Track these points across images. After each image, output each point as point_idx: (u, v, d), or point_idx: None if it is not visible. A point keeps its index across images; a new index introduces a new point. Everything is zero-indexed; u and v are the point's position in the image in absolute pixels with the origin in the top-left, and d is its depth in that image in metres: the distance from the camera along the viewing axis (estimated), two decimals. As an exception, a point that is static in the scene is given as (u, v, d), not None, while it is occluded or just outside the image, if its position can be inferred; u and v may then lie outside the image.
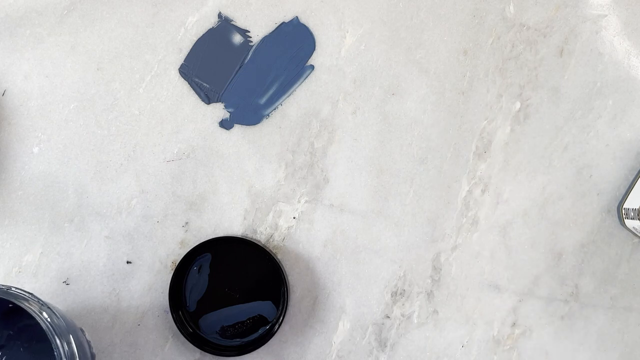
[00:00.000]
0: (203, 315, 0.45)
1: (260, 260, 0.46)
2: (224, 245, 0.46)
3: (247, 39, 0.47)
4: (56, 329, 0.35)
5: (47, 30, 0.47)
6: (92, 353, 0.42)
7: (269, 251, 0.46)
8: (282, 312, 0.45)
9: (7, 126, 0.47)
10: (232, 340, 0.45)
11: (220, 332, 0.45)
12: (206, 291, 0.45)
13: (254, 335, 0.46)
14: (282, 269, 0.46)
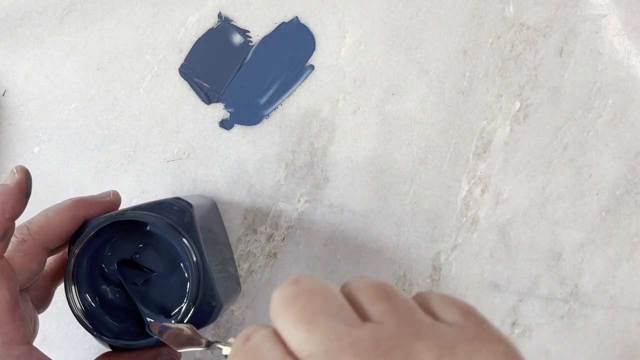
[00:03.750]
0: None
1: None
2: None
3: (247, 39, 0.47)
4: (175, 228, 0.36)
5: (48, 30, 0.47)
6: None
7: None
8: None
9: (7, 126, 0.47)
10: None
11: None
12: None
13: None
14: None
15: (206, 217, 0.41)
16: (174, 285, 0.38)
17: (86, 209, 0.38)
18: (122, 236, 0.38)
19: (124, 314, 0.38)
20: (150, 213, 0.37)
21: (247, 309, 0.47)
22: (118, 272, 0.38)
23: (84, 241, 0.36)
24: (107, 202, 0.40)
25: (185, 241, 0.36)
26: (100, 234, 0.37)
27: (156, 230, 0.38)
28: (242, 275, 0.47)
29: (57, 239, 0.37)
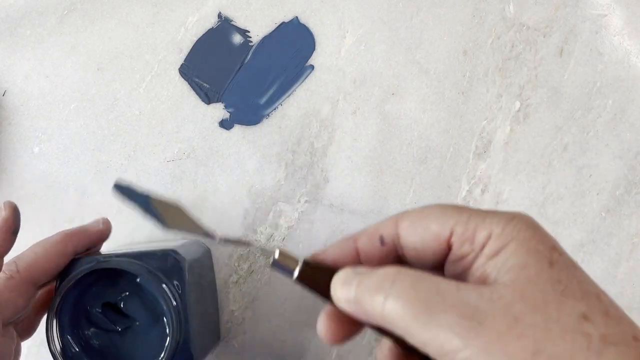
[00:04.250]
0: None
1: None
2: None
3: (247, 39, 0.47)
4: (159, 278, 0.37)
5: (48, 31, 0.47)
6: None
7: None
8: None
9: (7, 126, 0.47)
10: None
11: None
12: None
13: None
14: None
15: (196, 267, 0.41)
16: (154, 338, 0.38)
17: (75, 243, 0.38)
18: (109, 280, 0.38)
19: (102, 359, 0.38)
20: (134, 261, 0.37)
21: (247, 309, 0.47)
22: (101, 313, 0.38)
23: (71, 282, 0.36)
24: (97, 233, 0.40)
25: (164, 287, 0.36)
26: (88, 276, 0.37)
27: (141, 280, 0.38)
28: (242, 276, 0.47)
29: (45, 276, 0.36)
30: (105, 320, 0.38)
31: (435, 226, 0.25)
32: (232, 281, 0.47)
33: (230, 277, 0.47)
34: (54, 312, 0.36)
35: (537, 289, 0.22)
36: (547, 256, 0.23)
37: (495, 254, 0.23)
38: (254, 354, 0.47)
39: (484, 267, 0.24)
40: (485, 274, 0.24)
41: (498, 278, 0.23)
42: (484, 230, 0.24)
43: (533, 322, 0.21)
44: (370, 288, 0.24)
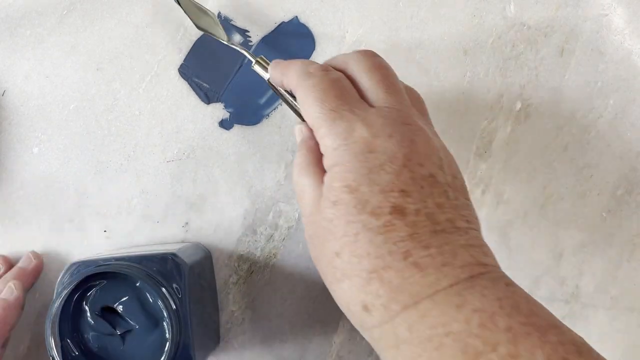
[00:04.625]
0: None
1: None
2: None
3: (246, 39, 0.47)
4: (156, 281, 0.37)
5: (47, 31, 0.47)
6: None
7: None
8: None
9: (7, 126, 0.47)
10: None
11: None
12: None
13: None
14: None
15: (196, 270, 0.41)
16: (153, 341, 0.38)
17: (25, 287, 0.44)
18: (108, 284, 0.38)
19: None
20: (134, 264, 0.37)
21: (247, 309, 0.47)
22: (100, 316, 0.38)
23: (70, 286, 0.36)
24: (34, 269, 0.45)
25: (164, 290, 0.36)
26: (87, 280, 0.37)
27: (141, 283, 0.38)
28: (242, 276, 0.47)
29: (10, 331, 0.41)
30: (104, 324, 0.38)
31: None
32: (232, 281, 0.47)
33: (230, 277, 0.47)
34: (53, 316, 0.36)
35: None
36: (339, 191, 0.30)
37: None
38: (254, 354, 0.47)
39: None
40: None
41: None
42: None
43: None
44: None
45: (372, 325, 0.28)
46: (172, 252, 0.38)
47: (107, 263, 0.37)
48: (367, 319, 0.28)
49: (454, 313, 0.25)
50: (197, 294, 0.40)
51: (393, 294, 0.27)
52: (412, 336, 0.26)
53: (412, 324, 0.26)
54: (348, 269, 0.28)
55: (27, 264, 0.45)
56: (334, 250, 0.29)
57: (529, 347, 0.24)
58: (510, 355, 0.24)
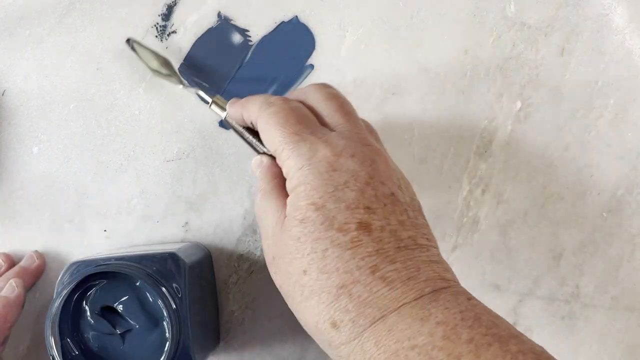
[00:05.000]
0: None
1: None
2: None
3: (246, 39, 0.47)
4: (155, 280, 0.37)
5: (47, 30, 0.47)
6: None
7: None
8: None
9: (7, 126, 0.47)
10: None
11: None
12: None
13: None
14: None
15: (196, 270, 0.41)
16: (153, 341, 0.38)
17: (26, 287, 0.44)
18: (108, 284, 0.38)
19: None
20: (134, 264, 0.37)
21: (247, 309, 0.47)
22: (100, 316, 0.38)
23: (70, 286, 0.36)
24: (36, 269, 0.45)
25: (164, 290, 0.36)
26: (87, 279, 0.37)
27: (141, 283, 0.38)
28: (242, 276, 0.47)
29: (9, 329, 0.41)
30: (104, 324, 0.38)
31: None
32: (232, 281, 0.47)
33: (230, 277, 0.47)
34: (53, 315, 0.36)
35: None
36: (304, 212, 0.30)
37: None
38: (254, 354, 0.47)
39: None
40: None
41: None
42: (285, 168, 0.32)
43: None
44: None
45: (340, 342, 0.28)
46: (172, 252, 0.38)
47: (107, 263, 0.37)
48: (335, 337, 0.28)
49: (419, 326, 0.26)
50: (197, 293, 0.40)
51: (362, 309, 0.28)
52: (379, 351, 0.27)
53: (379, 339, 0.27)
54: (316, 286, 0.29)
55: (30, 264, 0.45)
56: (302, 269, 0.29)
57: (490, 357, 0.24)
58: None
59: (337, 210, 0.29)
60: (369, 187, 0.30)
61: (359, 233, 0.29)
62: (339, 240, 0.29)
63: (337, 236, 0.29)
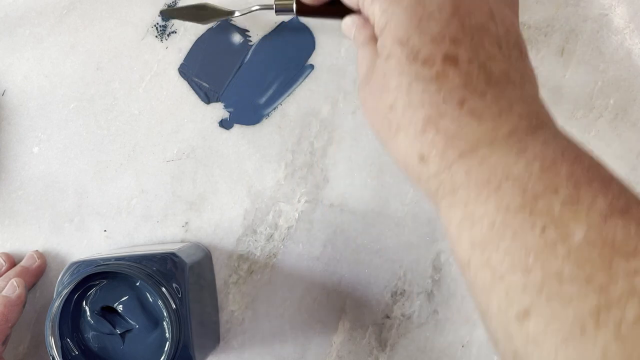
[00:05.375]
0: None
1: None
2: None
3: (246, 39, 0.47)
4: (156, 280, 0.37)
5: (47, 30, 0.47)
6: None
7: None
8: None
9: (6, 126, 0.47)
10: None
11: None
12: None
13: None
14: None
15: (196, 270, 0.41)
16: (153, 341, 0.38)
17: (27, 286, 0.44)
18: (108, 284, 0.38)
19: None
20: (134, 264, 0.37)
21: (247, 309, 0.47)
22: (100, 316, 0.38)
23: (70, 286, 0.36)
24: (37, 269, 0.45)
25: (164, 290, 0.36)
26: (87, 279, 0.37)
27: (141, 283, 0.38)
28: (242, 276, 0.47)
29: (10, 328, 0.41)
30: (104, 324, 0.38)
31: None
32: (232, 281, 0.47)
33: (230, 277, 0.47)
34: (53, 315, 0.36)
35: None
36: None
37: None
38: (254, 354, 0.47)
39: None
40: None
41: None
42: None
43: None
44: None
45: (429, 175, 0.28)
46: (172, 252, 0.38)
47: (107, 263, 0.37)
48: (423, 170, 0.28)
49: (514, 158, 0.25)
50: (197, 293, 0.40)
51: (449, 142, 0.27)
52: (469, 180, 0.26)
53: (470, 169, 0.26)
54: (403, 121, 0.28)
55: (31, 263, 0.45)
56: (388, 104, 0.29)
57: (591, 193, 0.23)
58: (571, 197, 0.23)
59: (421, 44, 0.28)
60: (455, 18, 0.28)
61: (444, 66, 0.27)
62: (424, 74, 0.28)
63: (422, 70, 0.28)
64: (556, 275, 0.22)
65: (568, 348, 0.21)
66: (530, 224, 0.23)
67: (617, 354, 0.20)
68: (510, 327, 0.23)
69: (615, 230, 0.22)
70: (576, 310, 0.21)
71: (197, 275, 0.41)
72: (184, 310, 0.37)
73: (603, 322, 0.20)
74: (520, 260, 0.23)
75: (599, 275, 0.21)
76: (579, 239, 0.22)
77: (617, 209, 0.22)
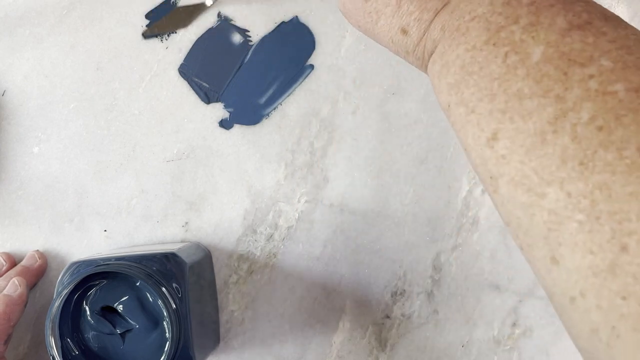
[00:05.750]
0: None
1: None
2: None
3: (246, 39, 0.47)
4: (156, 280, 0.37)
5: (47, 30, 0.47)
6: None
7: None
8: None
9: (7, 126, 0.47)
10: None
11: None
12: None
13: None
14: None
15: (196, 270, 0.41)
16: (153, 341, 0.38)
17: (28, 286, 0.44)
18: (109, 284, 0.38)
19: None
20: (134, 264, 0.37)
21: (247, 309, 0.47)
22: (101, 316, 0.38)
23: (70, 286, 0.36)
24: (38, 269, 0.46)
25: (164, 290, 0.36)
26: (87, 279, 0.37)
27: (141, 283, 0.38)
28: (242, 276, 0.47)
29: (12, 327, 0.41)
30: (104, 324, 0.38)
31: None
32: (232, 281, 0.47)
33: (230, 277, 0.47)
34: (53, 315, 0.36)
35: None
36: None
37: None
38: (254, 354, 0.47)
39: None
40: None
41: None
42: None
43: None
44: None
45: (414, 44, 0.29)
46: (172, 252, 0.38)
47: (107, 263, 0.37)
48: (408, 42, 0.30)
49: (480, 0, 0.26)
50: (197, 293, 0.40)
51: (423, 4, 0.28)
52: (444, 33, 0.27)
53: (444, 24, 0.27)
54: (378, 5, 0.30)
55: (31, 263, 0.45)
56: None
57: (549, 15, 0.24)
58: (530, 24, 0.24)
59: None
60: None
61: None
62: None
63: None
64: (517, 95, 0.23)
65: (531, 159, 0.22)
66: (494, 55, 0.24)
67: (574, 154, 0.21)
68: (483, 152, 0.24)
69: (572, 43, 0.23)
70: (536, 122, 0.22)
71: (197, 275, 0.41)
72: (184, 310, 0.37)
73: (560, 128, 0.21)
74: (486, 89, 0.24)
75: (556, 86, 0.22)
76: (537, 58, 0.23)
77: (576, 24, 0.23)
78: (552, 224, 0.21)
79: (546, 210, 0.22)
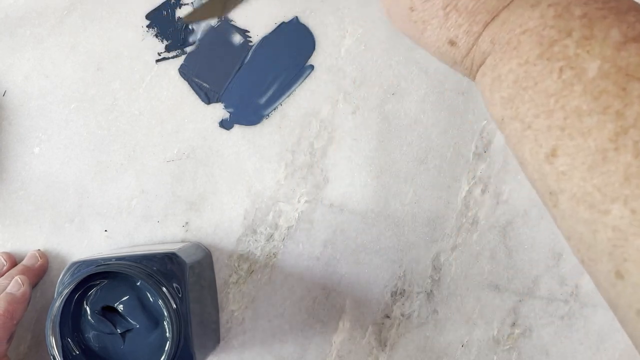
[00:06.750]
0: None
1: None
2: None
3: (246, 39, 0.47)
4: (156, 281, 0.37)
5: (47, 31, 0.47)
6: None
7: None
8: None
9: (7, 126, 0.47)
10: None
11: None
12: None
13: None
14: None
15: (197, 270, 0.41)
16: (154, 341, 0.38)
17: (31, 284, 0.44)
18: (109, 283, 0.38)
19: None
20: (134, 264, 0.37)
21: (247, 309, 0.47)
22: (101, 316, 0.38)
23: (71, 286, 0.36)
24: (40, 268, 0.46)
25: (164, 290, 0.36)
26: (88, 279, 0.37)
27: (141, 283, 0.38)
28: (242, 276, 0.47)
29: (15, 325, 0.41)
30: (105, 324, 0.38)
31: None
32: (232, 281, 0.47)
33: (230, 277, 0.47)
34: (53, 315, 0.36)
35: None
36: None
37: None
38: (254, 354, 0.47)
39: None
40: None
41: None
42: None
43: None
44: None
45: (462, 56, 0.29)
46: (172, 252, 0.38)
47: (108, 263, 0.37)
48: (456, 53, 0.29)
49: (530, 12, 0.26)
50: (197, 293, 0.40)
51: (472, 17, 0.28)
52: (494, 46, 0.27)
53: (494, 36, 0.27)
54: (425, 16, 0.30)
55: (33, 263, 0.45)
56: (407, 7, 0.30)
57: (603, 28, 0.24)
58: (584, 37, 0.24)
59: None
60: None
61: None
62: None
63: None
64: (575, 111, 0.23)
65: (593, 176, 0.22)
66: (548, 70, 0.24)
67: (637, 171, 0.21)
68: (542, 168, 0.24)
69: (629, 57, 0.23)
70: (596, 139, 0.22)
71: (197, 275, 0.41)
72: (184, 310, 0.37)
73: (622, 145, 0.21)
74: (543, 105, 0.24)
75: (615, 102, 0.22)
76: (593, 73, 0.23)
77: (631, 36, 0.23)
78: (617, 240, 0.21)
79: (610, 227, 0.22)
